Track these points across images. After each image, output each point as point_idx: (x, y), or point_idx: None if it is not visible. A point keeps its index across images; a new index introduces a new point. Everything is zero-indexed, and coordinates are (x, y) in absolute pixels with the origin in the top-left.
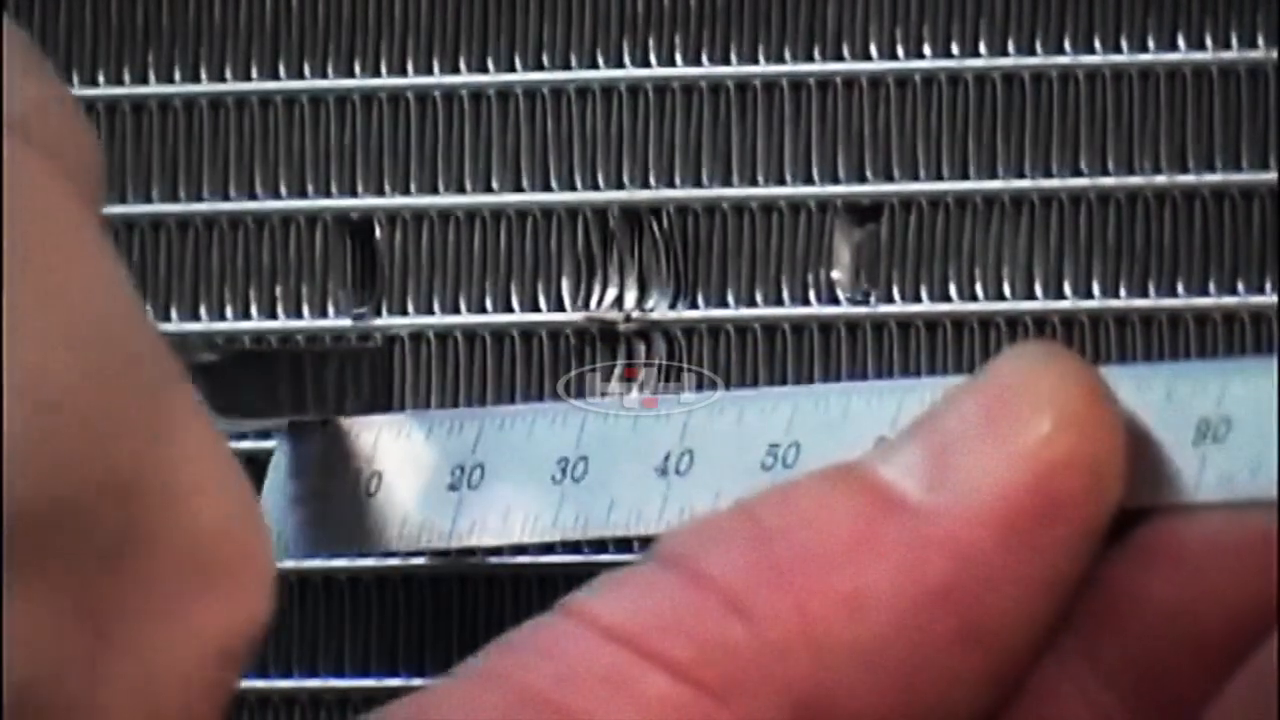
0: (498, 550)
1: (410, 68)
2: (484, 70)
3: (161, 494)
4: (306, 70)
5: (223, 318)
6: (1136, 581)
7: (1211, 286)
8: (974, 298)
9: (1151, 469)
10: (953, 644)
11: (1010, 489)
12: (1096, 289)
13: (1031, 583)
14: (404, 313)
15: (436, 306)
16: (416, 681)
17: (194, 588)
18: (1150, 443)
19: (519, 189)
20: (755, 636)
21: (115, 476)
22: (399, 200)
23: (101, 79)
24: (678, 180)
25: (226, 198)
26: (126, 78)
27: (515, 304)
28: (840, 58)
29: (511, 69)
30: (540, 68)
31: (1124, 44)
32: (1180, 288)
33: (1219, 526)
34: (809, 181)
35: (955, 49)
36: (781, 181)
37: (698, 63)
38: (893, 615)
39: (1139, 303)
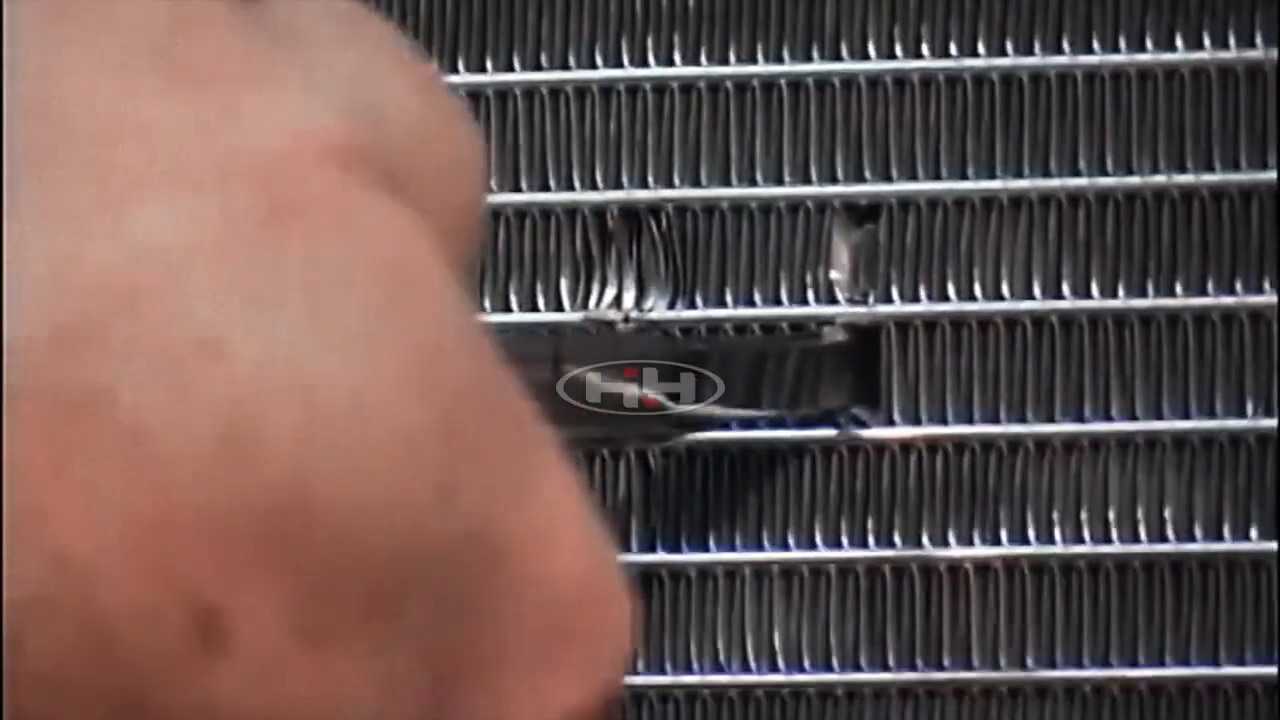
0: None
1: None
2: (482, 70)
3: (522, 549)
4: None
5: None
6: None
7: (1210, 286)
8: (972, 297)
9: None
10: None
11: None
12: (1095, 288)
13: None
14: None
15: None
16: None
17: (549, 656)
18: None
19: (517, 189)
20: None
21: (474, 528)
22: None
23: None
24: (676, 180)
25: None
26: None
27: (514, 303)
28: (838, 58)
29: (510, 69)
30: (539, 68)
31: (1122, 44)
32: (1179, 287)
33: None
34: (807, 181)
35: (953, 49)
36: (780, 181)
37: (696, 63)
38: None
39: (1137, 302)
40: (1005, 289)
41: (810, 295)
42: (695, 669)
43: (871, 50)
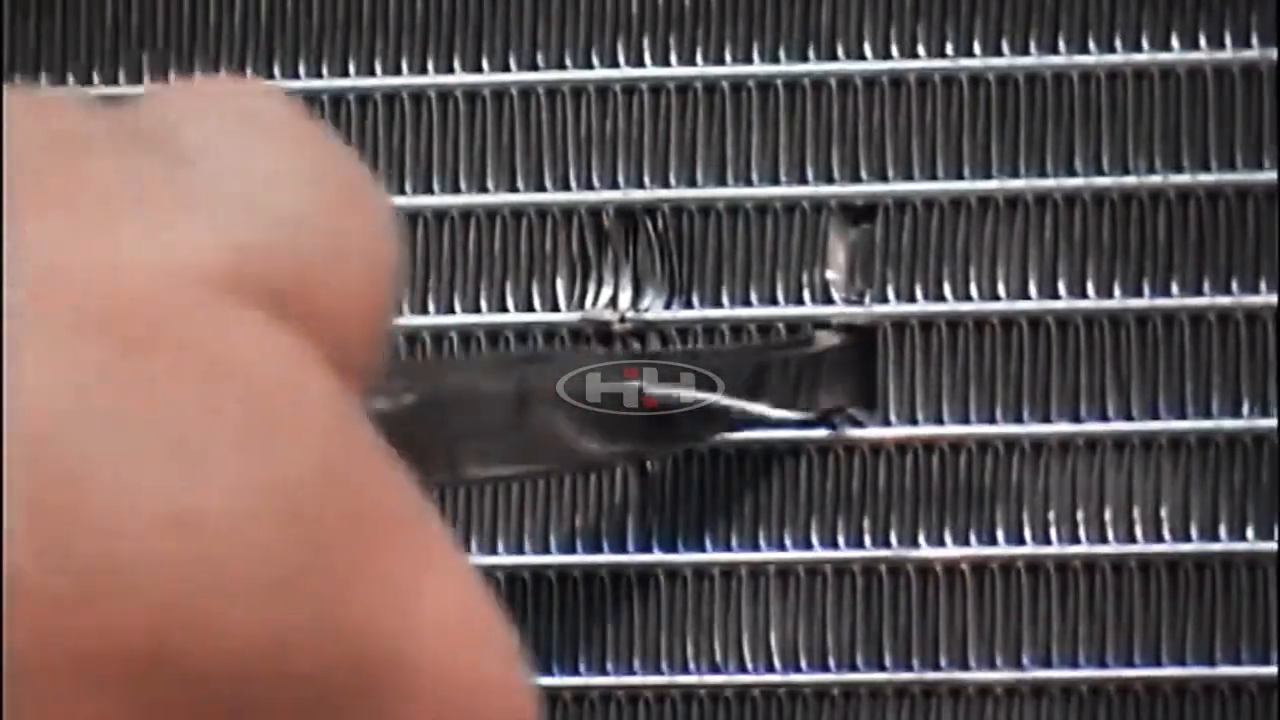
0: None
1: (405, 67)
2: (479, 70)
3: (404, 658)
4: (301, 70)
5: None
6: None
7: (1206, 286)
8: (969, 298)
9: None
10: None
11: None
12: (1091, 289)
13: None
14: (399, 313)
15: (432, 306)
16: None
17: None
18: None
19: (514, 189)
20: None
21: (351, 653)
22: (394, 200)
23: (97, 79)
24: (673, 180)
25: None
26: (121, 78)
27: (510, 304)
28: (835, 58)
29: (506, 69)
30: (535, 68)
31: (1118, 44)
32: (1175, 287)
33: None
34: (803, 181)
35: (949, 49)
36: (776, 181)
37: (692, 63)
38: None
39: (1134, 302)
40: (1001, 289)
41: (806, 295)
42: (692, 669)
43: (868, 50)
